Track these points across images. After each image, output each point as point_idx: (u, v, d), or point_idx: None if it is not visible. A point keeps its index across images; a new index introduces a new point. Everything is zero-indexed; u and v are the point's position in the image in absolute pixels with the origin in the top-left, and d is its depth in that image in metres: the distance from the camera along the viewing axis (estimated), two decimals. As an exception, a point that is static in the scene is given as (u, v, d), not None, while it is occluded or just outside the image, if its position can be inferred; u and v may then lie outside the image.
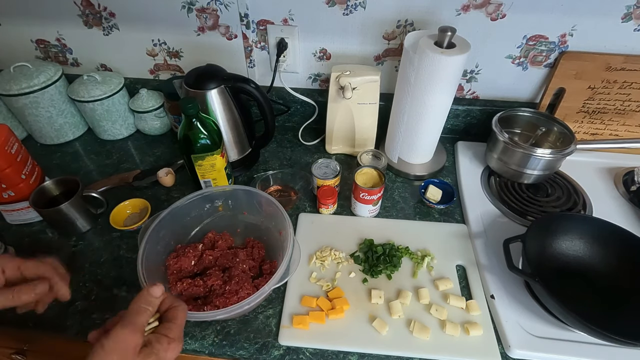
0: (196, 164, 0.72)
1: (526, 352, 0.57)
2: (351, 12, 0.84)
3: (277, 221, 0.65)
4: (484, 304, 0.64)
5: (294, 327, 0.61)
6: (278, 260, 0.64)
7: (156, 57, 0.99)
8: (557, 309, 0.56)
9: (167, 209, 0.64)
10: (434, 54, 0.68)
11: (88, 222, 0.76)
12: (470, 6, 0.79)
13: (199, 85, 0.76)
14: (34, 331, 0.63)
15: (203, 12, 0.88)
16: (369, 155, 0.88)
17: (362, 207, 0.77)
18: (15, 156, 0.69)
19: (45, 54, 1.01)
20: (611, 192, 0.84)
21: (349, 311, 0.63)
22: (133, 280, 0.67)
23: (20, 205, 0.73)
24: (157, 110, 0.97)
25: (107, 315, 0.63)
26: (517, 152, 0.78)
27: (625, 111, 0.87)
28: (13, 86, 0.85)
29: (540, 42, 0.83)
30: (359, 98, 0.84)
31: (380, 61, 0.92)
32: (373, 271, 0.68)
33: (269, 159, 0.95)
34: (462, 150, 0.95)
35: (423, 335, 0.60)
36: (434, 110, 0.78)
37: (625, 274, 0.64)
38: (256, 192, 0.68)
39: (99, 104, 0.91)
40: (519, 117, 0.88)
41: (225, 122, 0.81)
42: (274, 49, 0.92)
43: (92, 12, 0.91)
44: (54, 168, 0.92)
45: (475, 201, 0.82)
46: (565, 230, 0.69)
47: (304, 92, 0.96)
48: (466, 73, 0.92)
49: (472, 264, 0.71)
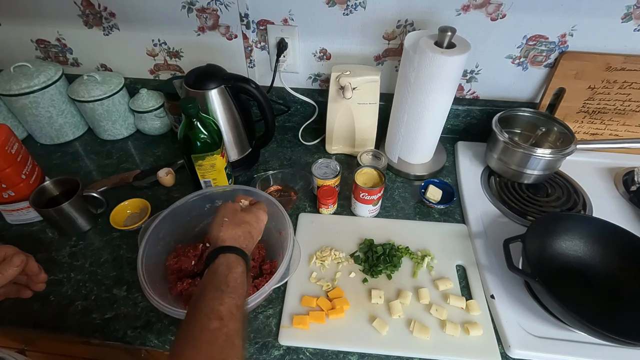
0: (196, 164, 0.72)
1: (526, 352, 0.57)
2: (351, 12, 0.84)
3: (277, 221, 0.65)
4: (484, 304, 0.64)
5: (294, 327, 0.61)
6: (278, 260, 0.64)
7: (156, 57, 0.99)
8: (557, 309, 0.56)
9: (167, 209, 0.64)
10: (434, 54, 0.68)
11: (88, 222, 0.76)
12: (470, 6, 0.79)
13: (199, 85, 0.76)
14: (34, 331, 0.63)
15: (203, 12, 0.88)
16: (369, 155, 0.88)
17: (362, 207, 0.77)
18: (15, 156, 0.69)
19: (46, 54, 1.02)
20: (611, 192, 0.84)
21: (349, 311, 0.63)
22: (133, 280, 0.67)
23: (20, 205, 0.73)
24: (157, 110, 0.97)
25: (107, 315, 0.63)
26: (517, 152, 0.78)
27: (625, 111, 0.87)
28: (13, 86, 0.85)
29: (540, 42, 0.83)
30: (359, 98, 0.84)
31: (380, 61, 0.92)
32: (373, 271, 0.68)
33: (269, 159, 0.95)
34: (462, 150, 0.95)
35: (423, 335, 0.59)
36: (434, 110, 0.78)
37: (625, 273, 0.64)
38: (256, 192, 0.68)
39: (99, 104, 0.91)
40: (519, 117, 0.88)
41: (225, 122, 0.81)
42: (274, 49, 0.92)
43: (92, 12, 0.91)
44: (54, 168, 0.92)
45: (475, 201, 0.82)
46: (565, 230, 0.69)
47: (304, 92, 0.96)
48: (466, 73, 0.92)
49: (472, 264, 0.71)
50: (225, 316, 0.39)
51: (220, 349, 0.37)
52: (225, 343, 0.37)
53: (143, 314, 0.63)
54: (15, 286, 0.53)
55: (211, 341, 0.37)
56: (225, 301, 0.40)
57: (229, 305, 0.40)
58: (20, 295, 0.53)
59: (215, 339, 0.37)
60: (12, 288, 0.52)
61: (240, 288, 0.43)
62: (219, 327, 0.38)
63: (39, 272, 0.53)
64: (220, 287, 0.42)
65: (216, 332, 0.38)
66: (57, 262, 0.70)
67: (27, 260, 0.51)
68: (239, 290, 0.43)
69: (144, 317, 0.62)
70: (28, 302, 0.63)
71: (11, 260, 0.48)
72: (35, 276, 0.53)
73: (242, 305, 0.42)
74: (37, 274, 0.53)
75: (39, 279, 0.53)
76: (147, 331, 0.61)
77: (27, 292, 0.54)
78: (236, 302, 0.41)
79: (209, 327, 0.38)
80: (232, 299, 0.41)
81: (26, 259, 0.50)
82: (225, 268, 0.44)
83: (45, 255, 0.72)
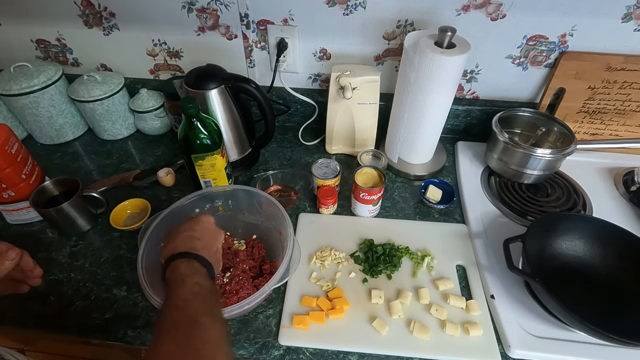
0: (196, 164, 0.72)
1: (526, 352, 0.57)
2: (351, 12, 0.84)
3: (277, 221, 0.65)
4: (484, 304, 0.64)
5: (294, 327, 0.61)
6: (278, 260, 0.64)
7: (156, 57, 0.99)
8: (557, 309, 0.56)
9: (168, 209, 0.64)
10: (434, 54, 0.68)
11: (88, 222, 0.76)
12: (470, 6, 0.79)
13: (199, 85, 0.76)
14: (34, 331, 0.63)
15: (203, 12, 0.88)
16: (369, 155, 0.88)
17: (362, 207, 0.77)
18: (15, 156, 0.69)
19: (46, 54, 1.01)
20: (611, 192, 0.84)
21: (349, 311, 0.63)
22: (133, 280, 0.67)
23: (20, 205, 0.73)
24: (157, 110, 0.97)
25: (107, 315, 0.63)
26: (517, 152, 0.78)
27: (625, 111, 0.87)
28: (13, 86, 0.85)
29: (540, 42, 0.83)
30: (359, 98, 0.84)
31: (380, 61, 0.92)
32: (373, 271, 0.68)
33: (269, 159, 0.95)
34: (462, 150, 0.95)
35: (423, 335, 0.59)
36: (434, 110, 0.78)
37: (625, 273, 0.64)
38: (256, 192, 0.68)
39: (99, 104, 0.91)
40: (519, 117, 0.88)
41: (225, 122, 0.81)
42: (274, 49, 0.92)
43: (92, 12, 0.91)
44: (54, 168, 0.92)
45: (475, 201, 0.82)
46: (565, 230, 0.69)
47: (304, 92, 0.96)
48: (466, 73, 0.92)
49: (472, 264, 0.71)
50: (179, 305, 0.40)
51: (185, 331, 0.37)
52: (189, 325, 0.38)
53: (143, 314, 0.63)
54: (12, 282, 0.54)
55: (173, 327, 0.38)
56: (177, 293, 0.41)
57: (180, 295, 0.41)
58: (17, 291, 0.54)
59: (175, 325, 0.38)
60: (9, 284, 0.53)
61: (189, 278, 0.43)
62: (177, 315, 0.39)
63: (34, 267, 0.54)
64: (171, 287, 0.43)
65: (176, 319, 0.39)
66: (57, 262, 0.70)
67: (22, 255, 0.51)
68: (188, 280, 0.43)
69: (144, 317, 0.63)
70: (28, 302, 0.64)
71: (6, 254, 0.49)
72: (31, 271, 0.54)
73: (200, 292, 0.42)
74: (32, 268, 0.54)
75: (34, 274, 0.54)
76: (147, 331, 0.61)
77: (24, 286, 0.55)
78: (192, 290, 0.42)
79: (167, 318, 0.39)
80: (183, 290, 0.41)
81: (21, 253, 0.51)
82: (170, 272, 0.45)
83: (45, 255, 0.72)
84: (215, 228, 0.56)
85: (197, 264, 0.46)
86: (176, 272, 0.44)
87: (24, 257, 0.52)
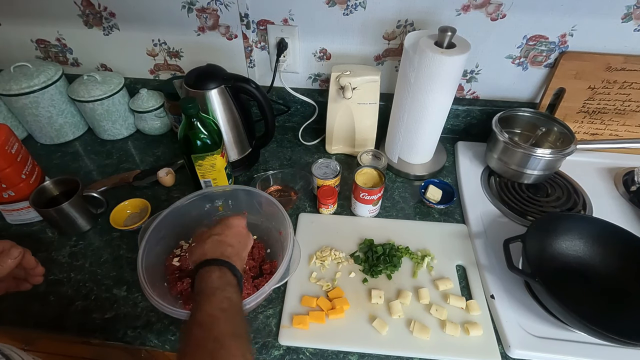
0: (196, 164, 0.72)
1: (526, 352, 0.57)
2: (351, 12, 0.84)
3: (277, 221, 0.65)
4: (484, 304, 0.64)
5: (294, 327, 0.61)
6: (278, 260, 0.64)
7: (156, 57, 0.99)
8: (557, 309, 0.57)
9: (167, 209, 0.64)
10: (434, 54, 0.68)
11: (88, 222, 0.76)
12: (470, 6, 0.79)
13: (199, 85, 0.76)
14: (34, 331, 0.63)
15: (203, 12, 0.88)
16: (369, 155, 0.88)
17: (362, 207, 0.77)
18: (15, 156, 0.69)
19: (46, 54, 1.01)
20: (611, 192, 0.84)
21: (349, 311, 0.63)
22: (133, 280, 0.67)
23: (20, 205, 0.73)
24: (157, 110, 0.97)
25: (107, 315, 0.63)
26: (517, 152, 0.78)
27: (625, 111, 0.87)
28: (13, 86, 0.85)
29: (540, 42, 0.83)
30: (359, 98, 0.84)
31: (380, 61, 0.92)
32: (373, 271, 0.68)
33: (269, 159, 0.95)
34: (462, 150, 0.95)
35: (423, 335, 0.60)
36: (434, 110, 0.78)
37: (625, 273, 0.64)
38: (256, 192, 0.68)
39: (99, 104, 0.91)
40: (519, 117, 0.88)
41: (225, 122, 0.81)
42: (274, 49, 0.92)
43: (92, 12, 0.91)
44: (54, 168, 0.92)
45: (475, 201, 0.82)
46: (565, 230, 0.69)
47: (304, 92, 0.96)
48: (466, 73, 0.92)
49: (472, 264, 0.71)
50: (205, 322, 0.39)
51: (210, 354, 0.36)
52: (215, 347, 0.37)
53: (143, 314, 0.63)
54: (15, 280, 0.54)
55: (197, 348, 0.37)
56: (204, 308, 0.40)
57: (208, 310, 0.40)
58: (20, 289, 0.55)
59: (198, 346, 0.37)
60: (11, 282, 0.54)
61: (219, 291, 0.42)
62: (202, 333, 0.38)
63: (36, 265, 0.54)
64: (196, 298, 0.42)
65: (200, 339, 0.38)
66: (57, 262, 0.70)
67: (24, 253, 0.52)
68: (218, 294, 0.42)
69: (144, 317, 0.62)
70: (28, 302, 0.64)
71: (9, 252, 0.49)
72: (33, 269, 0.54)
73: (228, 308, 0.41)
74: (34, 267, 0.54)
75: (36, 272, 0.55)
76: (147, 331, 0.61)
77: (26, 285, 0.55)
78: (220, 306, 0.41)
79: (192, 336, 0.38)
80: (211, 304, 0.41)
81: (23, 251, 0.51)
82: (200, 281, 0.44)
83: (45, 255, 0.72)
84: (246, 232, 0.55)
85: (229, 275, 0.45)
86: (206, 281, 0.43)
87: (26, 255, 0.52)
